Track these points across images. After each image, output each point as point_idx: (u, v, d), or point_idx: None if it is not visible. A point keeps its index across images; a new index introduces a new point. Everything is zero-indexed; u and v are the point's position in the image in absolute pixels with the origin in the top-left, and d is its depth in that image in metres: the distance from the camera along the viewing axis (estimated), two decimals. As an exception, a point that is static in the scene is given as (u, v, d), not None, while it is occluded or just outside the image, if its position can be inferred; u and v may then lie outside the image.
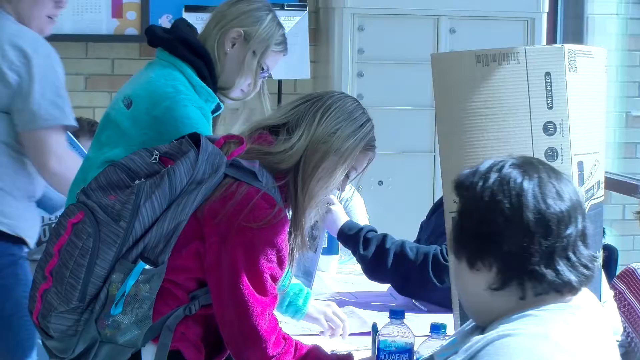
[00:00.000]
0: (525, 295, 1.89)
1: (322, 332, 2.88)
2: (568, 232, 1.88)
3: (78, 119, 4.18)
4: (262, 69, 2.98)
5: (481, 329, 1.98)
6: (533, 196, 1.88)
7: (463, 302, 2.02)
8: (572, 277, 1.89)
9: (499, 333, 1.84)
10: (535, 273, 1.87)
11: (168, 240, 2.36)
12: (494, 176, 1.92)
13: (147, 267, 2.33)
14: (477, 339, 1.86)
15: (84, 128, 4.03)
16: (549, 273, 1.87)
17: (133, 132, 2.85)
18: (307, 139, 2.47)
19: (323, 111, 2.50)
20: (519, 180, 1.90)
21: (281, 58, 3.06)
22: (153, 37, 2.99)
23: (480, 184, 1.92)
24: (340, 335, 2.87)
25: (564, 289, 1.90)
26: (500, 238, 1.87)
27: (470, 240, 1.93)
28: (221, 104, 2.99)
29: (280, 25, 3.01)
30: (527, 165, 1.94)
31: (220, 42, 2.96)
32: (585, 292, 1.96)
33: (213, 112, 2.96)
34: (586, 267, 1.91)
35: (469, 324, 2.08)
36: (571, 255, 1.89)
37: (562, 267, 1.88)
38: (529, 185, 1.89)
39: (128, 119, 2.88)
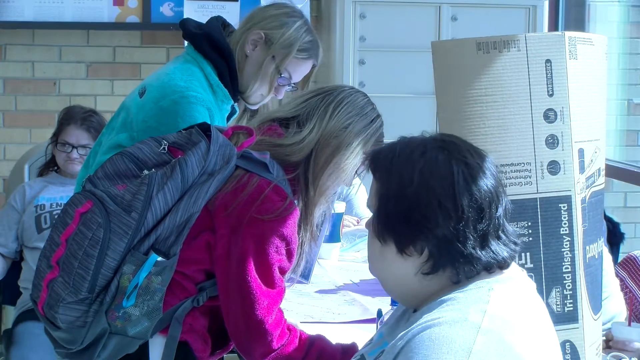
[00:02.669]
0: (459, 279, 1.84)
1: None
2: (498, 212, 1.84)
3: (72, 107, 4.21)
4: (280, 74, 2.94)
5: (409, 313, 1.93)
6: (464, 179, 1.83)
7: (386, 286, 1.94)
8: (506, 255, 1.86)
9: (420, 325, 1.78)
10: (471, 256, 1.82)
11: (180, 232, 2.35)
12: (420, 159, 1.87)
13: (160, 259, 2.32)
14: (401, 335, 1.80)
15: (76, 115, 4.03)
16: (484, 255, 1.83)
17: (137, 118, 2.86)
18: (319, 132, 2.47)
19: (335, 105, 2.50)
20: (447, 163, 1.85)
21: (308, 66, 2.99)
22: (184, 31, 2.99)
23: (407, 167, 1.87)
24: None
25: (494, 267, 1.86)
26: (434, 224, 1.82)
27: (400, 225, 1.86)
28: (236, 106, 2.98)
29: (309, 32, 2.95)
30: (450, 145, 1.89)
31: (242, 43, 2.94)
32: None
33: (230, 115, 2.95)
34: (515, 243, 1.87)
35: (394, 314, 2.04)
36: (502, 234, 1.85)
37: (494, 247, 1.84)
38: (458, 168, 1.84)
39: (137, 106, 2.88)
